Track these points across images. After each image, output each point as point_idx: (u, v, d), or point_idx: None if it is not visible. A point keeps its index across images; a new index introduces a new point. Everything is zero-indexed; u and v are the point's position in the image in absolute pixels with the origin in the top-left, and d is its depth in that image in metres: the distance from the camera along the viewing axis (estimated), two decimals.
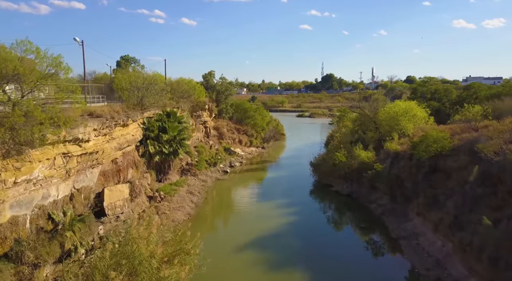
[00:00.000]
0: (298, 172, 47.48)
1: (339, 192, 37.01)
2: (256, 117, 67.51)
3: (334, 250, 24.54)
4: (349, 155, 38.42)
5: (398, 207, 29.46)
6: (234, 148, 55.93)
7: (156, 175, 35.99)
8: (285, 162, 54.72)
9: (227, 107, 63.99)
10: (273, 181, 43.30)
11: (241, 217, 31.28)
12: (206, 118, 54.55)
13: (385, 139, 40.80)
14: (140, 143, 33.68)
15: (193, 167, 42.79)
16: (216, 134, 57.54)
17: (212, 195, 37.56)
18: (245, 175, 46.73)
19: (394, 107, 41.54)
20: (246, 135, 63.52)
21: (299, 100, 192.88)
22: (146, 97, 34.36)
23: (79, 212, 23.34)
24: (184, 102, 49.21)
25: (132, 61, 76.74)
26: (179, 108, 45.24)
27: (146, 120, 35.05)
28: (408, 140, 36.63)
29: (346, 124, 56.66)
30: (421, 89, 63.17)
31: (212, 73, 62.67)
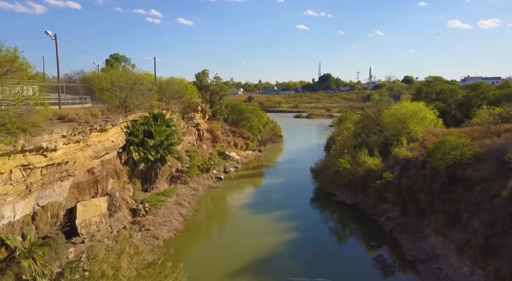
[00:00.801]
0: (297, 178, 44.25)
1: (343, 202, 33.79)
2: (252, 118, 64.28)
3: (341, 273, 21.24)
4: (354, 161, 35.24)
5: (411, 222, 26.28)
6: (229, 152, 52.61)
7: (141, 184, 32.59)
8: (283, 167, 51.47)
9: (221, 108, 60.68)
10: (271, 189, 40.01)
11: (234, 234, 27.92)
12: (199, 120, 51.20)
13: (392, 143, 37.78)
14: (123, 149, 30.29)
15: (183, 174, 39.41)
16: (210, 137, 54.21)
17: (203, 206, 34.19)
18: (240, 182, 43.41)
19: (401, 109, 38.43)
20: (242, 137, 60.25)
21: (297, 100, 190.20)
22: (130, 98, 30.97)
23: (44, 234, 19.95)
24: (175, 103, 45.85)
25: (123, 60, 73.31)
26: (169, 110, 41.89)
27: (130, 123, 31.66)
28: (418, 145, 33.53)
29: (348, 127, 53.56)
30: (426, 89, 60.20)
31: (205, 72, 59.33)
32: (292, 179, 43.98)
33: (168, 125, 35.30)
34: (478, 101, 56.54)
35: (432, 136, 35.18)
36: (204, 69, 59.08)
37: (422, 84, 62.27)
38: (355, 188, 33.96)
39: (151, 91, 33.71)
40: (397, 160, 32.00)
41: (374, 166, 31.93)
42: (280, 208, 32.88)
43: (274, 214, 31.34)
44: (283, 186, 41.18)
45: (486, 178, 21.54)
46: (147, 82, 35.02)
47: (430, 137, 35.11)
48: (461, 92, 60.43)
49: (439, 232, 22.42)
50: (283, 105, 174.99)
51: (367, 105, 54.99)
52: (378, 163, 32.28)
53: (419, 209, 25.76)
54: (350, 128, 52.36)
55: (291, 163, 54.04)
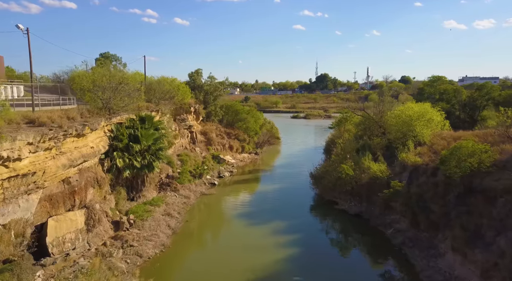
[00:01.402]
0: (295, 183, 41.76)
1: (346, 211, 31.32)
2: (248, 120, 61.71)
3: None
4: (357, 166, 32.77)
5: (423, 236, 23.82)
6: (223, 155, 50.01)
7: (127, 193, 29.92)
8: (280, 171, 48.93)
9: (216, 109, 58.05)
10: (268, 196, 37.44)
11: (228, 248, 25.29)
12: (192, 122, 48.55)
13: (397, 147, 35.42)
14: (106, 155, 27.62)
15: (174, 180, 36.77)
16: (204, 140, 51.57)
17: (195, 216, 31.55)
18: (235, 188, 40.81)
19: (406, 110, 36.02)
20: (238, 140, 57.66)
21: (294, 100, 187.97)
22: (114, 99, 28.30)
23: (6, 257, 17.28)
24: (166, 104, 43.19)
25: (113, 59, 70.51)
26: (159, 112, 39.24)
27: (114, 127, 28.98)
28: (427, 150, 31.14)
29: (349, 129, 51.16)
30: (429, 89, 57.93)
31: (199, 72, 56.65)
32: (290, 184, 41.46)
33: (156, 128, 32.66)
34: (483, 102, 54.39)
35: (441, 140, 32.83)
36: (198, 68, 56.55)
37: (425, 84, 59.98)
38: (359, 196, 31.50)
39: (138, 92, 30.99)
40: (405, 166, 29.59)
41: (379, 173, 29.46)
42: (278, 218, 30.33)
43: (271, 225, 28.78)
44: (281, 192, 38.63)
45: (510, 189, 19.15)
46: (133, 81, 32.33)
47: (439, 140, 32.76)
48: (465, 92, 58.23)
49: (456, 249, 19.96)
50: (280, 105, 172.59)
51: (368, 106, 52.68)
52: (384, 169, 29.82)
53: (431, 222, 23.31)
54: (351, 130, 49.99)
55: (289, 167, 51.54)
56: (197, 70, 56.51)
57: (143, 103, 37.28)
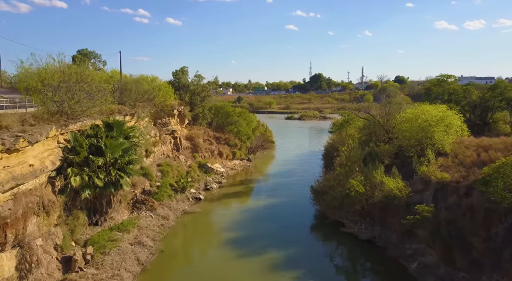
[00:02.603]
0: (293, 197, 36.51)
1: (355, 235, 26.12)
2: (240, 123, 56.28)
3: None
4: (367, 181, 27.55)
5: (460, 276, 18.68)
6: (211, 163, 44.52)
7: (88, 217, 24.33)
8: (275, 181, 43.57)
9: (204, 112, 52.52)
10: (261, 214, 32.05)
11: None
12: (175, 126, 42.99)
13: (411, 156, 30.42)
14: (59, 172, 22.00)
15: (151, 196, 31.22)
16: (189, 146, 46.04)
17: (172, 242, 25.99)
18: (223, 204, 35.38)
19: (423, 114, 30.97)
20: (228, 145, 52.22)
21: (288, 101, 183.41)
22: (69, 101, 22.67)
23: None
24: (144, 106, 37.62)
25: (92, 56, 64.70)
26: (134, 116, 33.66)
27: (72, 136, 23.37)
28: (450, 161, 26.09)
29: (351, 133, 46.05)
30: (437, 89, 53.08)
31: (184, 70, 51.00)
32: (287, 198, 36.13)
33: (127, 137, 27.09)
34: (496, 103, 49.77)
35: (464, 149, 27.83)
36: (183, 66, 50.89)
37: (432, 84, 55.19)
38: (371, 217, 26.29)
39: (101, 93, 25.32)
40: (426, 182, 24.47)
41: (397, 191, 24.25)
42: (273, 246, 24.96)
43: (265, 257, 23.39)
44: (276, 209, 33.27)
45: None
46: (97, 80, 26.73)
47: (462, 149, 27.78)
48: (476, 92, 53.58)
49: None
50: (274, 106, 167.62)
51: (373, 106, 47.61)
52: (402, 187, 24.61)
53: (472, 260, 18.21)
54: (354, 135, 44.90)
55: (285, 175, 46.27)
56: (182, 68, 50.96)
57: (115, 105, 31.73)
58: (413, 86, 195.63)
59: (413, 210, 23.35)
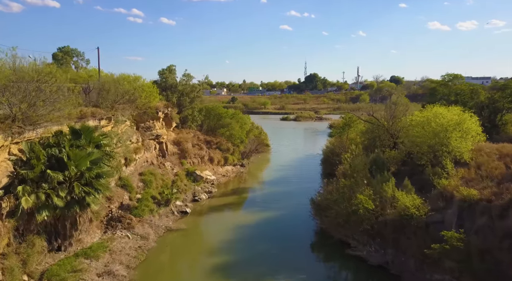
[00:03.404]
0: (290, 208, 32.86)
1: (363, 259, 22.50)
2: (233, 125, 52.46)
3: None
4: (375, 194, 23.94)
5: None
6: (201, 170, 40.68)
7: (48, 242, 20.42)
8: (271, 190, 39.80)
9: (193, 114, 48.65)
10: (254, 231, 28.29)
11: None
12: (160, 130, 39.08)
13: (424, 165, 27.08)
14: (7, 191, 18.10)
15: (129, 212, 27.36)
16: (177, 152, 42.14)
17: (150, 271, 22.11)
18: (212, 219, 31.58)
19: (437, 118, 27.50)
20: (220, 149, 48.37)
21: (283, 101, 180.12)
22: (21, 104, 18.77)
23: None
24: (126, 109, 33.74)
25: (74, 54, 60.59)
26: (111, 120, 29.75)
27: (27, 146, 19.46)
28: (474, 172, 22.65)
29: (353, 138, 42.57)
30: (443, 90, 49.76)
31: (172, 69, 47.04)
32: (284, 211, 32.37)
33: (98, 145, 23.19)
34: (506, 104, 46.63)
35: (486, 157, 24.46)
36: (170, 65, 46.90)
37: (438, 84, 51.88)
38: (381, 238, 22.65)
39: (59, 93, 21.37)
40: (448, 198, 20.97)
41: (414, 209, 20.64)
42: (269, 273, 21.28)
43: None
44: (272, 224, 29.53)
45: None
46: (63, 79, 22.81)
47: (484, 158, 24.40)
48: (483, 93, 50.40)
49: None
50: (268, 106, 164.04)
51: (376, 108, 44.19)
52: (420, 204, 21.00)
53: None
54: (356, 140, 41.41)
55: (281, 183, 42.58)
56: (169, 66, 46.94)
57: (88, 108, 27.85)
58: (410, 86, 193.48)
59: (434, 231, 19.85)
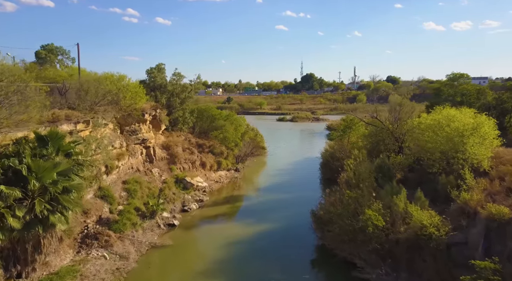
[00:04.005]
0: (288, 219, 30.10)
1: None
2: (226, 128, 49.64)
3: None
4: (385, 207, 21.18)
5: None
6: (191, 177, 37.75)
7: (5, 269, 17.41)
8: (267, 198, 36.91)
9: (185, 115, 45.68)
10: (248, 247, 25.40)
11: None
12: (147, 133, 36.08)
13: (436, 172, 24.48)
14: None
15: (108, 227, 24.37)
16: (166, 156, 39.16)
17: None
18: (202, 232, 28.66)
19: (452, 121, 24.81)
20: (213, 153, 45.48)
21: (279, 101, 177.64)
22: None
23: None
24: (108, 110, 30.76)
25: (59, 52, 57.33)
26: (89, 123, 26.75)
27: None
28: (498, 185, 19.97)
29: (354, 141, 39.86)
30: (447, 90, 47.19)
31: (161, 68, 43.98)
32: (282, 223, 29.50)
33: (68, 154, 20.20)
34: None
35: (510, 167, 21.78)
36: (159, 63, 43.77)
37: (443, 84, 49.29)
38: (393, 258, 19.87)
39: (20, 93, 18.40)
40: (471, 215, 18.25)
41: (432, 228, 17.87)
42: None
43: None
44: (269, 239, 26.63)
45: None
46: (27, 78, 19.82)
47: (507, 167, 21.73)
48: (491, 93, 47.94)
49: None
50: (265, 106, 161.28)
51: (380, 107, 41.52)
52: (438, 222, 18.24)
53: None
54: (358, 143, 38.73)
55: (279, 190, 39.75)
56: (158, 65, 43.86)
57: (63, 111, 24.89)
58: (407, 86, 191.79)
59: (456, 254, 17.13)
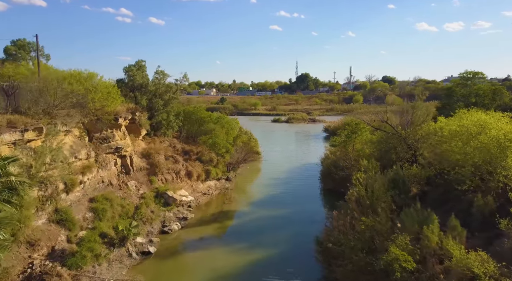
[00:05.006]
0: (286, 243, 25.37)
1: None
2: (216, 133, 44.80)
3: None
4: (412, 240, 16.54)
5: None
6: (174, 190, 32.83)
7: None
8: (261, 214, 31.94)
9: (169, 119, 40.65)
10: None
11: None
12: (122, 140, 31.05)
13: (464, 189, 20.07)
14: None
15: (64, 261, 19.38)
16: (146, 166, 34.16)
17: None
18: (181, 262, 23.67)
19: (487, 129, 20.25)
20: (201, 161, 40.53)
21: (274, 102, 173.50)
22: None
23: None
24: (73, 114, 25.77)
25: (32, 48, 51.89)
26: (42, 131, 21.74)
27: None
28: None
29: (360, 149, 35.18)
30: (460, 90, 42.80)
31: (141, 65, 38.85)
32: (279, 248, 24.61)
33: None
34: None
35: None
36: (139, 60, 38.60)
37: (455, 84, 44.90)
38: None
39: None
40: None
41: (482, 274, 13.21)
42: None
43: None
44: (264, 273, 21.86)
45: None
46: None
47: None
48: (507, 93, 43.74)
49: None
50: (259, 107, 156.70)
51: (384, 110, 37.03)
52: (494, 270, 13.56)
53: None
54: (365, 151, 34.12)
55: (275, 203, 34.96)
56: (138, 62, 38.65)
57: (3, 117, 19.91)
58: (403, 86, 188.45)
59: None
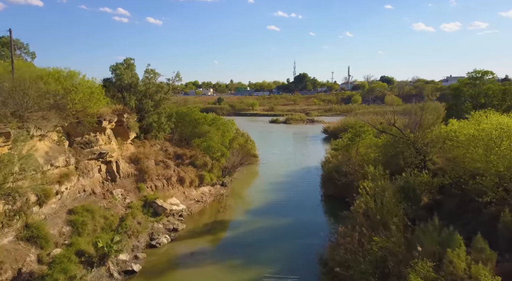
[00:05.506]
0: (287, 259, 22.90)
1: None
2: (211, 134, 42.38)
3: None
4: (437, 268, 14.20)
5: None
6: (164, 198, 30.35)
7: None
8: (258, 225, 29.50)
9: (160, 120, 38.15)
10: None
11: None
12: (107, 145, 28.53)
13: (485, 202, 17.84)
14: None
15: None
16: (134, 172, 31.66)
17: None
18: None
19: None
20: (194, 166, 38.05)
21: (272, 102, 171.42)
22: None
23: None
24: (50, 117, 23.25)
25: (17, 47, 49.34)
26: (10, 136, 19.23)
27: None
28: None
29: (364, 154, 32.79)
30: (469, 90, 40.48)
31: (129, 64, 36.29)
32: (279, 266, 22.16)
33: None
34: None
35: None
36: (127, 58, 36.11)
37: (463, 83, 42.64)
38: None
39: None
40: None
41: None
42: None
43: None
44: None
45: None
46: None
47: None
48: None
49: None
50: (257, 107, 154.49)
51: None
52: None
53: None
54: (369, 156, 31.78)
55: (273, 211, 32.55)
56: (126, 60, 36.06)
57: None
58: (402, 87, 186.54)
59: None
